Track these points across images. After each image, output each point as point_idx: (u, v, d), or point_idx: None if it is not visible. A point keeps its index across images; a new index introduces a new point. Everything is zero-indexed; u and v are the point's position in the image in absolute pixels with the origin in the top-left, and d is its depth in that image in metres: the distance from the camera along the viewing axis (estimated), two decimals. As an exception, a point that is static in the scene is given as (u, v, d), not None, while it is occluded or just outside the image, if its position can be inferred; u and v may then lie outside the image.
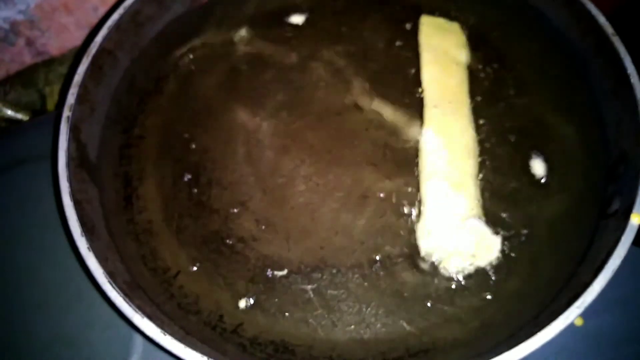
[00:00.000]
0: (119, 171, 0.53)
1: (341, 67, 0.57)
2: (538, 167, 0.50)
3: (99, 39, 0.53)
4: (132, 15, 0.56)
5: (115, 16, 0.55)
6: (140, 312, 0.40)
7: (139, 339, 0.49)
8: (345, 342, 0.45)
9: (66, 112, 0.49)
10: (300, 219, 0.50)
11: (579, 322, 0.49)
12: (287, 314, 0.46)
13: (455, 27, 0.58)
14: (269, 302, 0.46)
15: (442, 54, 0.55)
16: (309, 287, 0.47)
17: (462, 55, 0.56)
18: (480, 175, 0.50)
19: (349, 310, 0.46)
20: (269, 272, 0.48)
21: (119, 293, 0.41)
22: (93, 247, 0.43)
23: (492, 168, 0.51)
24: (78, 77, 0.51)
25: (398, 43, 0.58)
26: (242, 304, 0.47)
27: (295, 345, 0.45)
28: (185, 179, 0.52)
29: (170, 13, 0.60)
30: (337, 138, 0.53)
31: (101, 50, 0.53)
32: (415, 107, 0.54)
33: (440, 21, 0.58)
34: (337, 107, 0.55)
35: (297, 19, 0.61)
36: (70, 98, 0.50)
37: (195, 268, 0.48)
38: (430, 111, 0.52)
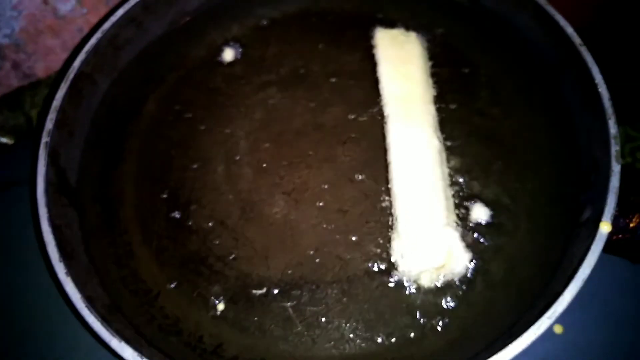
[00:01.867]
0: (99, 194, 0.53)
1: (317, 85, 0.58)
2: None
3: (77, 63, 0.54)
4: (110, 39, 0.57)
5: (93, 40, 0.55)
6: (118, 336, 0.40)
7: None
8: (325, 358, 0.45)
9: (44, 138, 0.50)
10: (279, 236, 0.50)
11: (559, 330, 0.50)
12: (266, 332, 0.46)
13: (412, 37, 0.58)
14: (248, 320, 0.47)
15: (401, 65, 0.55)
16: (289, 304, 0.47)
17: (422, 65, 0.56)
18: (452, 184, 0.51)
19: (329, 326, 0.46)
20: (248, 291, 0.48)
21: (96, 317, 0.41)
22: (71, 273, 0.43)
23: (464, 175, 0.51)
24: (56, 102, 0.52)
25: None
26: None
27: (276, 363, 0.45)
28: (164, 199, 0.53)
29: (148, 35, 0.61)
30: (314, 154, 0.54)
31: (79, 74, 0.54)
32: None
33: (397, 33, 0.58)
34: (314, 123, 0.56)
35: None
36: (49, 123, 0.50)
37: (174, 288, 0.49)
38: (393, 124, 0.52)
